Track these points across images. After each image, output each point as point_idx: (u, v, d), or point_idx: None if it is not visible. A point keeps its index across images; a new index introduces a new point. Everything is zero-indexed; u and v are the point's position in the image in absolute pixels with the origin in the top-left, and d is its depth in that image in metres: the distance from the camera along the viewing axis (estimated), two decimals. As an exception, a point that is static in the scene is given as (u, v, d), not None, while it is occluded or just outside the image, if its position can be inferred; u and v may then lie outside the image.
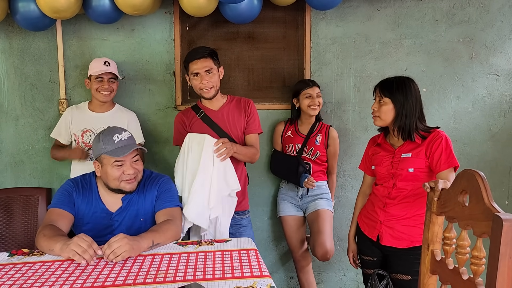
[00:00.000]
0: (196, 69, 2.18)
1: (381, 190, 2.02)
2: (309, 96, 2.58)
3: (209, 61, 2.20)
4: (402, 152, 1.95)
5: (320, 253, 2.41)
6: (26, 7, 2.35)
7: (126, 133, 1.82)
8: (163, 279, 1.38)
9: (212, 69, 2.20)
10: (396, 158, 1.96)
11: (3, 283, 1.37)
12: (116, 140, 1.77)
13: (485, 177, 1.15)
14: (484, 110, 2.88)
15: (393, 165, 1.96)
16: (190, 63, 2.20)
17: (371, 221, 2.05)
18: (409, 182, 1.93)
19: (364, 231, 2.09)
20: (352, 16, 2.80)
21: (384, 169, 2.00)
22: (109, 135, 1.78)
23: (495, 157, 2.92)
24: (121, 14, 2.50)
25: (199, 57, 2.17)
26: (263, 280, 1.35)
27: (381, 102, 1.95)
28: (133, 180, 1.80)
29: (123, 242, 1.51)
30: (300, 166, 2.52)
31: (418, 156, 1.90)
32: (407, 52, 2.83)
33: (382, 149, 2.05)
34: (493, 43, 2.82)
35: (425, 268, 1.45)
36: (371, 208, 2.08)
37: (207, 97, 2.25)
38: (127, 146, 1.78)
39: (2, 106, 2.77)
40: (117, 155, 1.74)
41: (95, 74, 2.46)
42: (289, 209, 2.65)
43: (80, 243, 1.50)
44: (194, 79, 2.21)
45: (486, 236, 1.11)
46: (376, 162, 2.06)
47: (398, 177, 1.94)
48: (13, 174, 2.82)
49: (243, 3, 2.41)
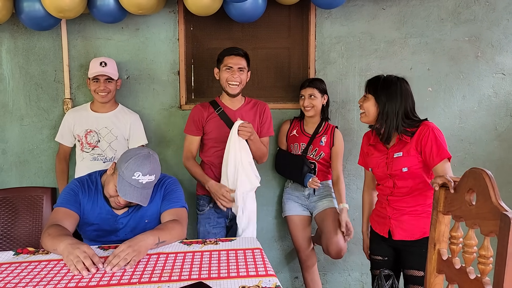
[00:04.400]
0: (232, 63, 2.29)
1: (383, 189, 2.03)
2: (302, 97, 2.58)
3: (244, 61, 2.33)
4: (394, 152, 1.93)
5: (334, 251, 2.41)
6: (31, 6, 2.35)
7: (148, 177, 1.70)
8: (168, 278, 1.37)
9: (244, 69, 2.33)
10: (390, 159, 1.94)
11: (9, 281, 1.38)
12: (134, 177, 1.67)
13: (492, 176, 1.14)
14: (490, 109, 2.86)
15: (388, 166, 1.95)
16: (227, 56, 2.31)
17: (380, 218, 2.05)
18: (407, 180, 1.92)
19: (375, 229, 2.09)
20: (357, 15, 2.79)
21: (380, 170, 2.00)
22: (136, 166, 1.68)
23: (502, 156, 2.90)
24: (125, 13, 2.50)
25: (236, 54, 2.31)
26: (269, 279, 1.35)
27: (365, 98, 1.96)
28: (122, 208, 1.80)
29: (129, 251, 1.49)
30: (305, 165, 2.51)
31: (409, 154, 1.88)
32: (412, 51, 2.81)
33: (375, 150, 2.03)
34: (499, 42, 2.80)
35: (431, 267, 1.44)
36: (379, 206, 2.09)
37: (231, 92, 2.33)
38: (135, 192, 1.69)
39: (7, 106, 2.78)
40: (121, 193, 1.68)
41: (90, 76, 2.48)
42: (295, 208, 2.64)
43: (79, 254, 1.45)
44: (225, 71, 2.31)
45: (493, 235, 1.10)
46: (372, 164, 2.05)
47: (395, 177, 1.94)
48: (18, 173, 2.82)
49: (247, 2, 2.41)
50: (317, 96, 2.56)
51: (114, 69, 2.55)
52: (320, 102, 2.58)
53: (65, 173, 2.66)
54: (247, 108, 2.42)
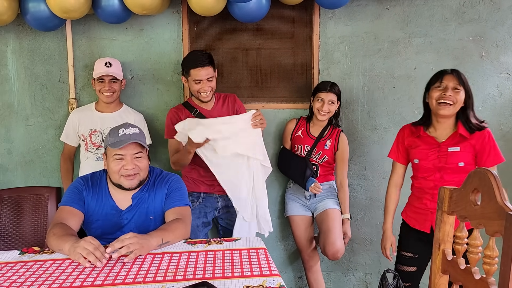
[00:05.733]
0: (199, 76, 2.28)
1: (425, 183, 2.03)
2: (321, 100, 2.52)
3: (210, 69, 2.31)
4: (449, 146, 1.96)
5: (330, 252, 2.40)
6: (36, 7, 2.37)
7: (133, 129, 1.81)
8: (172, 277, 1.38)
9: (212, 76, 2.32)
10: (443, 152, 1.96)
11: (15, 280, 1.38)
12: (121, 134, 1.77)
13: (497, 176, 1.14)
14: (495, 109, 2.85)
15: (441, 159, 1.96)
16: (192, 69, 2.28)
17: (420, 215, 2.05)
18: (459, 174, 1.94)
19: (414, 226, 2.08)
20: (361, 15, 2.79)
21: (430, 163, 2.00)
22: (117, 128, 1.81)
23: (506, 156, 2.86)
24: (130, 14, 2.51)
25: (201, 65, 2.27)
26: (273, 279, 1.35)
27: (457, 90, 1.96)
28: (132, 177, 1.78)
29: (133, 240, 1.51)
30: (307, 169, 2.50)
31: (466, 149, 1.93)
32: (417, 50, 2.81)
33: (423, 142, 2.04)
34: (504, 41, 2.79)
35: (436, 267, 1.44)
36: (417, 202, 2.08)
37: (205, 100, 2.37)
38: (129, 140, 1.77)
39: (13, 106, 2.79)
40: (116, 146, 1.74)
41: (95, 76, 2.49)
42: (297, 208, 2.64)
43: (86, 246, 1.48)
44: (195, 84, 2.30)
45: (499, 235, 1.09)
46: (419, 156, 2.05)
47: (447, 170, 1.95)
48: (23, 173, 2.84)
49: (251, 2, 2.41)
50: (335, 103, 2.53)
51: (119, 69, 2.56)
52: (335, 108, 2.56)
53: (70, 172, 2.67)
54: (219, 105, 2.47)
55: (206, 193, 2.46)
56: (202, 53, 2.32)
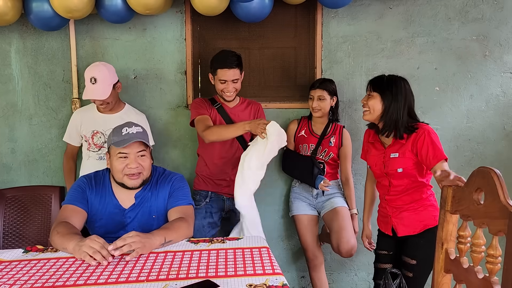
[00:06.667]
0: (225, 77, 2.32)
1: (381, 188, 2.12)
2: (311, 98, 2.57)
3: (237, 71, 2.34)
4: (391, 152, 2.00)
5: (345, 249, 2.42)
6: (39, 7, 2.38)
7: (136, 128, 1.82)
8: (175, 276, 1.38)
9: (238, 79, 2.37)
10: (386, 158, 2.02)
11: (18, 278, 1.39)
12: (124, 133, 1.78)
13: (500, 175, 1.14)
14: (498, 108, 2.84)
15: (385, 165, 2.03)
16: (219, 69, 2.32)
17: (383, 217, 2.16)
18: (402, 179, 2.00)
19: (381, 229, 2.19)
20: (364, 14, 2.78)
21: (377, 168, 2.08)
22: (120, 127, 1.82)
23: (510, 156, 2.88)
24: (133, 13, 2.51)
25: (229, 67, 2.30)
26: (276, 277, 1.35)
27: (370, 96, 2.01)
28: (136, 176, 1.79)
29: (136, 239, 1.52)
30: (315, 167, 2.50)
31: (405, 155, 1.96)
32: (420, 50, 2.80)
33: (373, 148, 2.11)
34: (507, 41, 2.78)
35: (439, 266, 1.44)
36: (380, 206, 2.18)
37: (228, 100, 2.43)
38: (133, 138, 1.77)
39: (16, 106, 2.80)
40: (119, 145, 1.75)
41: (83, 98, 2.40)
42: (303, 207, 2.64)
43: (91, 244, 1.49)
44: (220, 84, 2.35)
45: (502, 234, 1.09)
46: (370, 162, 2.14)
47: (391, 176, 2.02)
48: (27, 172, 2.85)
49: (254, 2, 2.41)
50: (326, 98, 2.55)
51: (106, 83, 2.36)
52: (329, 104, 2.57)
53: (73, 171, 2.68)
54: (242, 107, 2.51)
55: (214, 193, 2.47)
56: (232, 54, 2.35)
